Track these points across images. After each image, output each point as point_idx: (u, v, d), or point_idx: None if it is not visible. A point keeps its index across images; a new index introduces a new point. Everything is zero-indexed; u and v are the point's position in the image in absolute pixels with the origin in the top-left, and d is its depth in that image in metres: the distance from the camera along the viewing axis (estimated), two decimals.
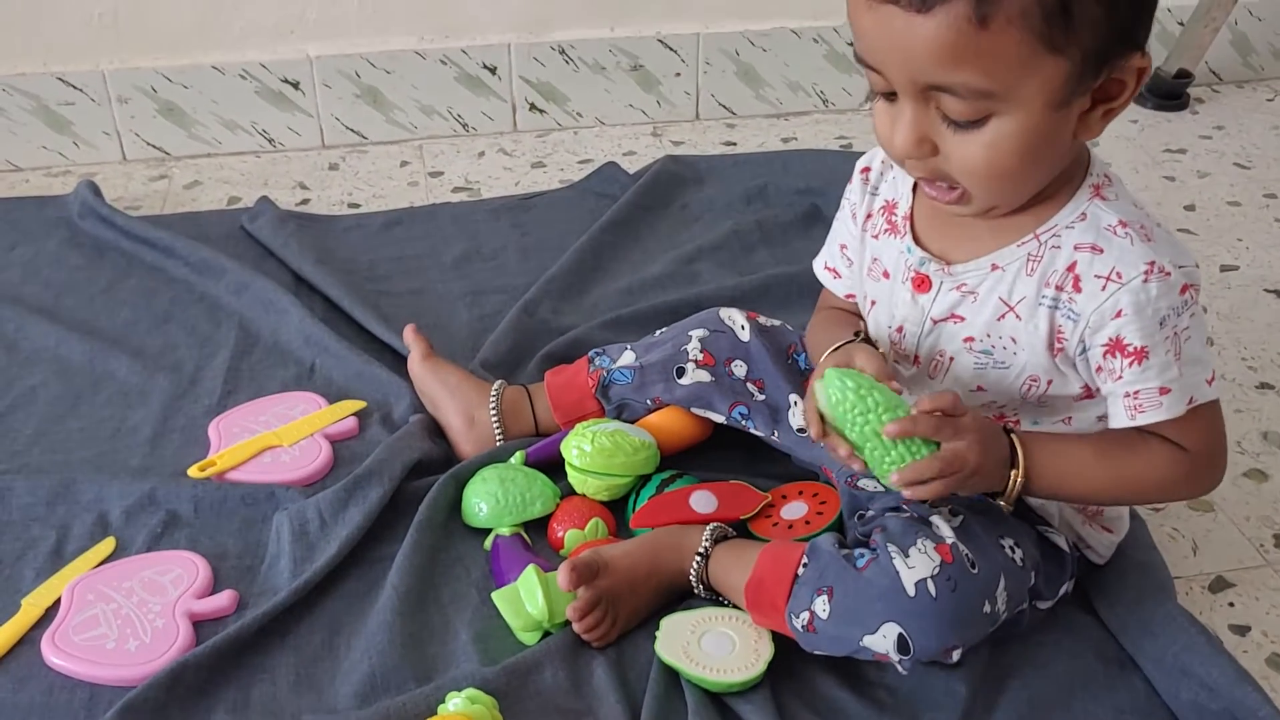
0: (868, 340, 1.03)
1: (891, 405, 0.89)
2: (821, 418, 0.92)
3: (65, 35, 1.73)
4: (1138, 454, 0.92)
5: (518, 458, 1.18)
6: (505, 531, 1.12)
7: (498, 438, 1.22)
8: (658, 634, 1.01)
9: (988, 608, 0.92)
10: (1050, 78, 0.79)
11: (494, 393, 1.23)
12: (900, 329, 1.00)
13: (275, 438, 1.24)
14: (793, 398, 1.17)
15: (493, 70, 1.85)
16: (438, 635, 1.04)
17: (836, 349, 1.00)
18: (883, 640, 0.91)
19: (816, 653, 0.97)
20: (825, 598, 0.93)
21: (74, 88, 1.75)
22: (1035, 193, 0.89)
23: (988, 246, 0.93)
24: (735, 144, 1.88)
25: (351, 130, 1.85)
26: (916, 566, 0.91)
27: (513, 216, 1.67)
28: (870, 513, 1.04)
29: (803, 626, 0.95)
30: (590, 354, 1.24)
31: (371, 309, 1.43)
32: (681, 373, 1.18)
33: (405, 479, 1.17)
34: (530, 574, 1.03)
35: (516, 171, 1.81)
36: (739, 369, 1.18)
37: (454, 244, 1.61)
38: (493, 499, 1.13)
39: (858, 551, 0.94)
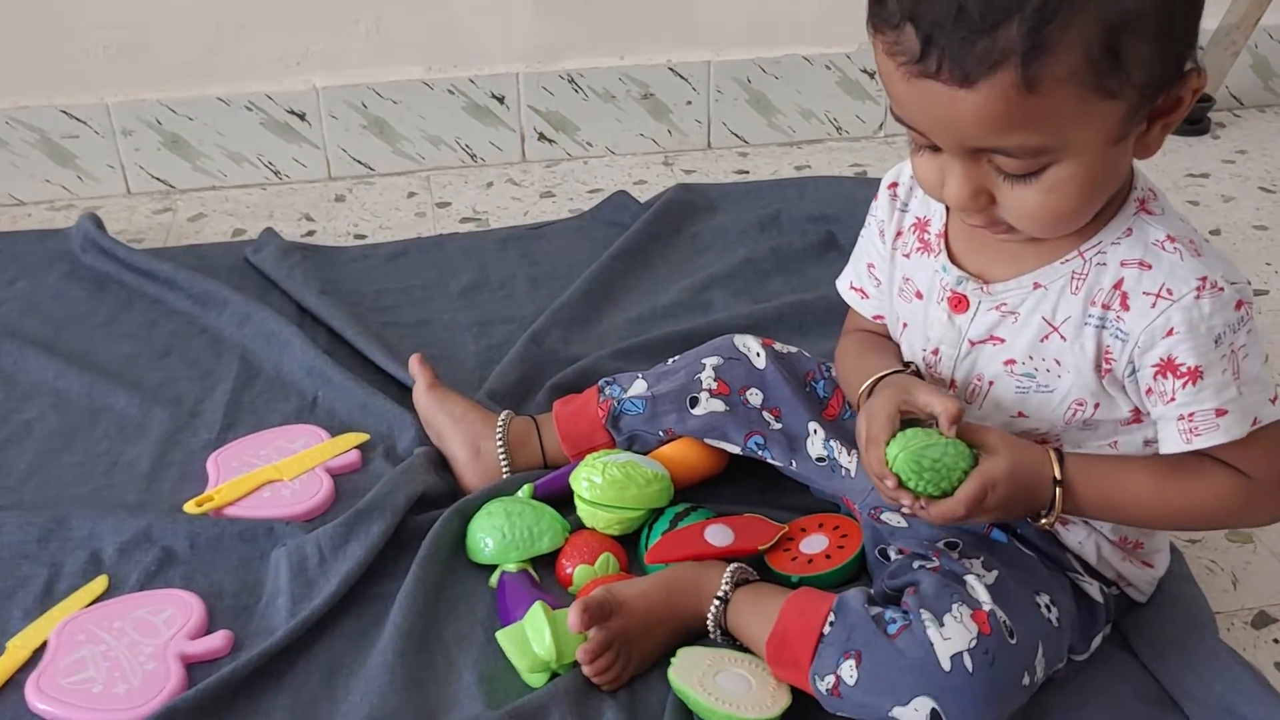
0: (916, 373, 0.98)
1: (954, 465, 0.87)
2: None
3: (68, 67, 1.72)
4: (1196, 479, 0.87)
5: (525, 491, 1.14)
6: (512, 568, 1.08)
7: (504, 470, 1.17)
8: (673, 661, 0.97)
9: (1026, 679, 0.88)
10: (1107, 118, 0.76)
11: (500, 423, 1.19)
12: (936, 351, 0.96)
13: (275, 471, 1.20)
14: (812, 426, 1.12)
15: (501, 100, 1.82)
16: (440, 676, 0.99)
17: (882, 378, 0.96)
18: (914, 713, 0.86)
19: (840, 715, 0.92)
20: (853, 663, 0.88)
21: (77, 120, 1.73)
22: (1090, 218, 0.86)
23: (1029, 264, 0.89)
24: (748, 172, 1.85)
25: (358, 161, 1.83)
26: (952, 638, 0.86)
27: (521, 246, 1.63)
28: (893, 554, 0.99)
29: (827, 690, 0.90)
30: (600, 383, 1.20)
31: (376, 340, 1.39)
32: (695, 402, 1.14)
33: (409, 513, 1.13)
34: (537, 612, 0.98)
35: (525, 201, 1.77)
36: (755, 397, 1.14)
37: (461, 274, 1.57)
38: (499, 534, 1.08)
39: (889, 614, 0.89)
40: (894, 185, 1.00)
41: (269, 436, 1.27)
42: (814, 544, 1.08)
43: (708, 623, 0.99)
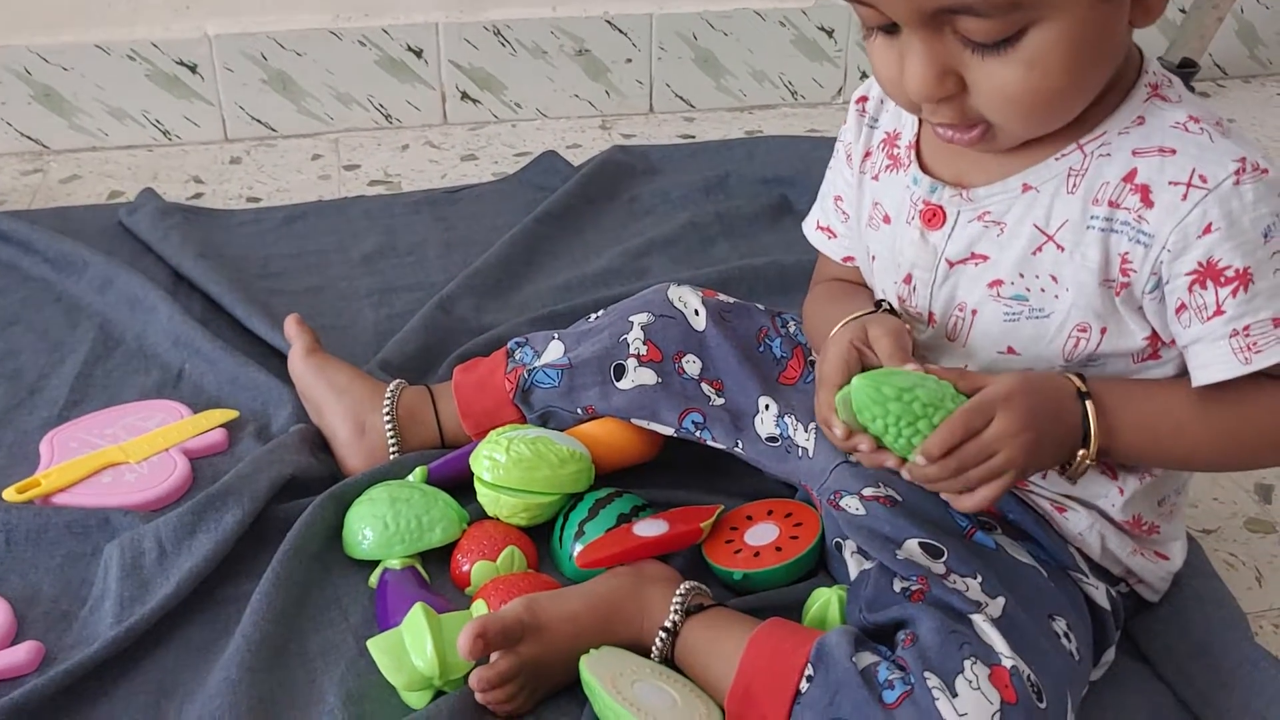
0: (892, 311, 0.81)
1: (937, 401, 0.70)
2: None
3: None
4: (1253, 402, 0.71)
5: (418, 475, 0.95)
6: (396, 564, 0.89)
7: (392, 450, 0.98)
8: (592, 650, 0.78)
9: None
10: None
11: (389, 394, 1.00)
12: (909, 279, 0.79)
13: (120, 453, 1.00)
14: (762, 400, 0.94)
15: (419, 53, 1.64)
16: (299, 697, 0.80)
17: (847, 323, 0.79)
18: None
19: None
20: None
21: None
22: (1084, 106, 0.70)
23: (1016, 165, 0.73)
24: (694, 138, 1.67)
25: (258, 121, 1.63)
26: (969, 713, 0.67)
27: (436, 210, 1.45)
28: (849, 557, 0.81)
29: None
30: (509, 345, 1.02)
31: (257, 306, 1.19)
32: (620, 372, 0.95)
33: (275, 501, 0.94)
34: (417, 615, 0.79)
35: (444, 164, 1.59)
36: (691, 365, 0.96)
37: (365, 239, 1.38)
38: (380, 523, 0.89)
39: (883, 674, 0.70)
40: (863, 100, 0.85)
41: (117, 413, 1.07)
42: (761, 534, 0.89)
43: (652, 656, 0.80)
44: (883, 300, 0.82)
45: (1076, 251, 0.72)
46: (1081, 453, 0.72)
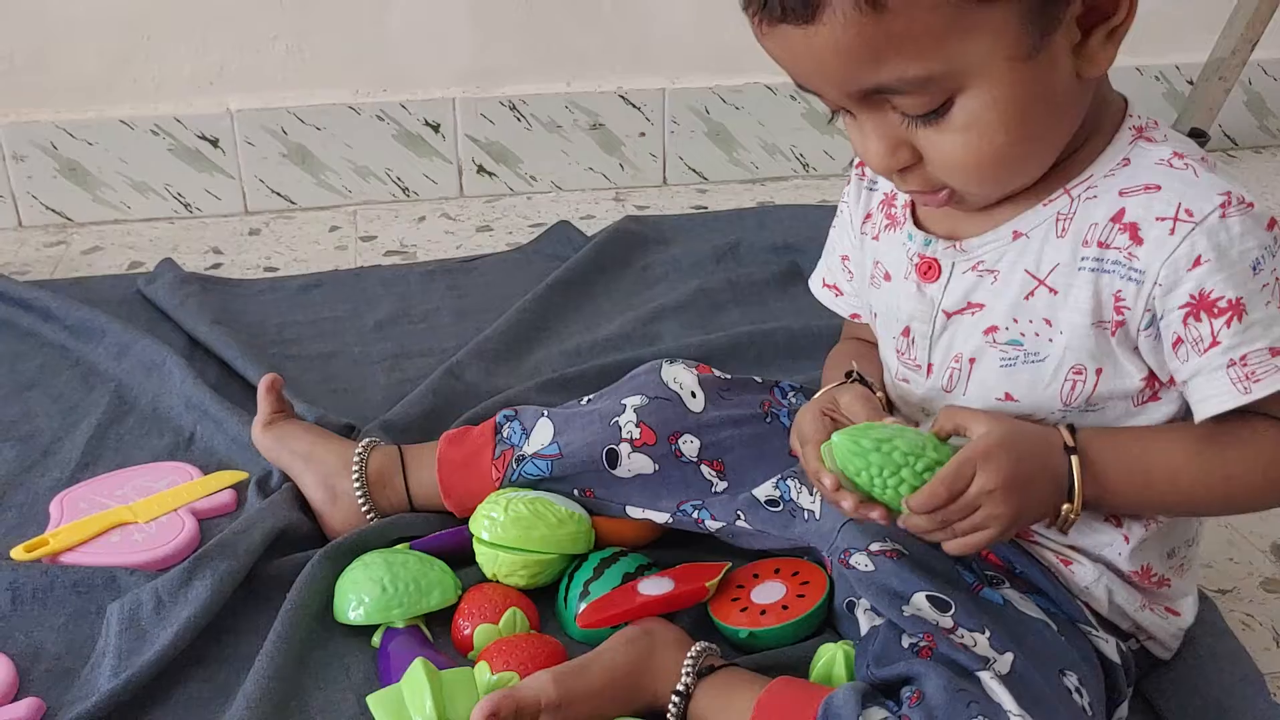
0: (861, 380, 0.83)
1: (917, 450, 0.71)
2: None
3: None
4: (1243, 440, 0.71)
5: (401, 550, 0.94)
6: (399, 624, 0.88)
7: (367, 514, 0.98)
8: None
9: None
10: (996, 27, 0.64)
11: (357, 458, 0.98)
12: (907, 331, 0.80)
13: (129, 513, 1.01)
14: (773, 479, 0.92)
15: (436, 128, 1.67)
16: None
17: (818, 395, 0.83)
18: None
19: None
20: None
21: None
22: (1056, 155, 0.72)
23: (1006, 214, 0.74)
24: (706, 209, 1.68)
25: (277, 193, 1.66)
26: None
27: (450, 279, 1.46)
28: (861, 615, 0.80)
29: None
30: (498, 419, 0.99)
31: (269, 370, 1.20)
32: (614, 459, 0.94)
33: (270, 557, 0.94)
34: (417, 670, 0.78)
35: (459, 235, 1.61)
36: (689, 446, 0.94)
37: (379, 307, 1.40)
38: (378, 586, 0.88)
39: None
40: (861, 164, 0.87)
41: (128, 475, 1.07)
42: (768, 592, 0.88)
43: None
44: (851, 371, 0.83)
45: (1069, 294, 0.72)
46: (1066, 506, 0.72)
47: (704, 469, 0.94)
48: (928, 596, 0.77)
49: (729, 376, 0.99)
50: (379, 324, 1.36)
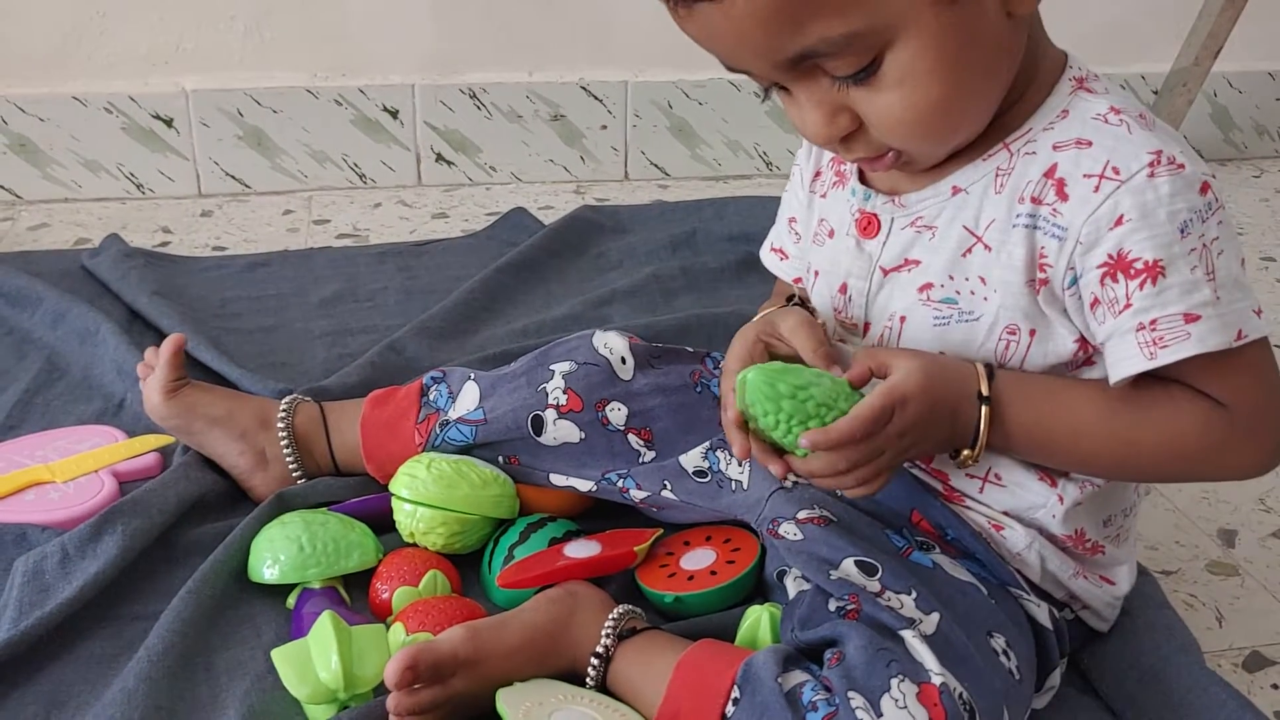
0: (803, 304, 0.81)
1: (831, 401, 0.69)
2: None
3: None
4: (1157, 405, 0.69)
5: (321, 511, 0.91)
6: (315, 585, 0.85)
7: (296, 477, 0.95)
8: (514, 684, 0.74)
9: None
10: None
11: (282, 418, 0.95)
12: (844, 288, 0.78)
13: (47, 472, 0.98)
14: (701, 448, 0.89)
15: (394, 114, 1.65)
16: (199, 711, 0.76)
17: (762, 318, 0.80)
18: None
19: None
20: None
21: None
22: (997, 103, 0.70)
23: (947, 168, 0.72)
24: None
25: (232, 176, 1.63)
26: None
27: (400, 261, 1.44)
28: (790, 583, 0.78)
29: None
30: (425, 380, 0.96)
31: (206, 340, 1.17)
32: (539, 425, 0.91)
33: (192, 524, 0.91)
34: (325, 625, 0.75)
35: (414, 221, 1.58)
36: (616, 414, 0.91)
37: (325, 285, 1.37)
38: (295, 545, 0.85)
39: (809, 692, 0.67)
40: None
41: (50, 436, 1.04)
42: (698, 559, 0.86)
43: (587, 683, 0.76)
44: (792, 296, 0.81)
45: (1003, 251, 0.70)
46: (966, 453, 0.71)
47: (631, 438, 0.91)
48: (856, 561, 0.75)
49: (660, 345, 0.97)
50: (324, 301, 1.33)
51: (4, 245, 1.47)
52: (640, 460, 0.91)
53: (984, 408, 0.70)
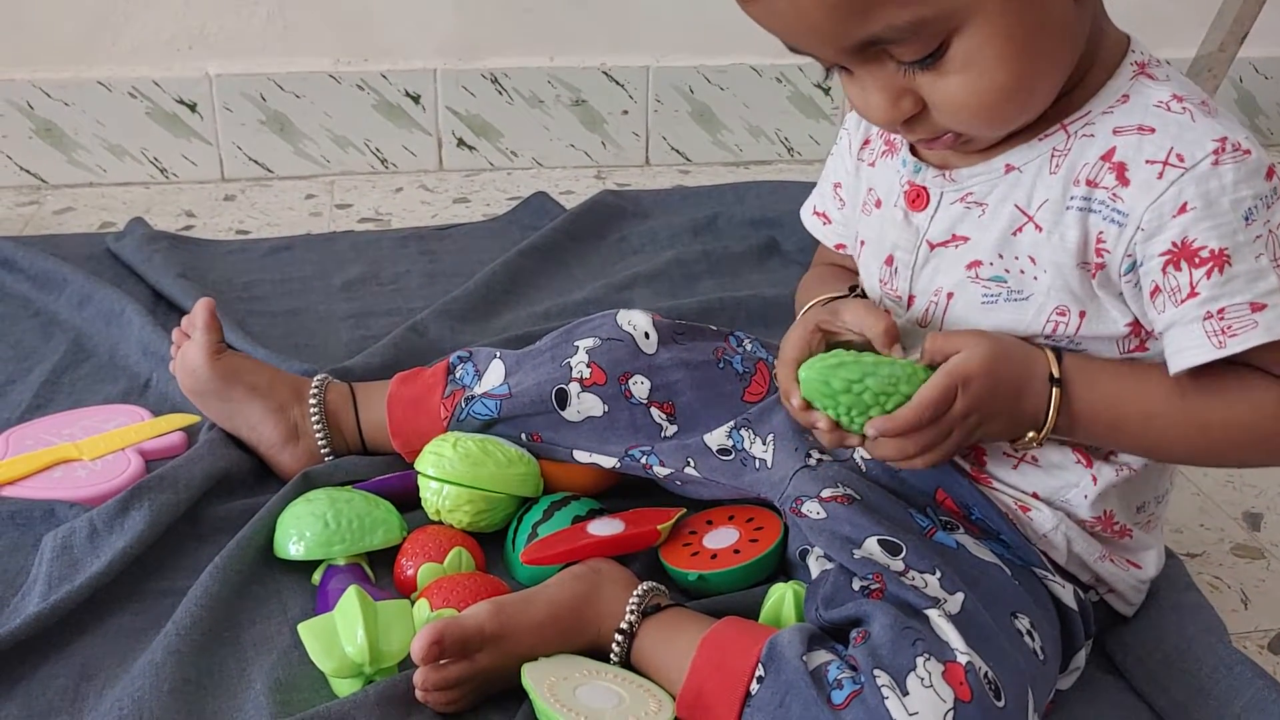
0: (863, 296, 0.81)
1: (889, 388, 0.69)
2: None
3: None
4: (1229, 388, 0.68)
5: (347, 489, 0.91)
6: (340, 562, 0.86)
7: (325, 454, 0.95)
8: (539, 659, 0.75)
9: None
10: None
11: (314, 394, 0.95)
12: (890, 260, 0.77)
13: (75, 450, 0.98)
14: (722, 428, 0.89)
15: (416, 99, 1.65)
16: (227, 684, 0.76)
17: (819, 304, 0.81)
18: None
19: None
20: None
21: None
22: (1059, 87, 0.69)
23: (1000, 146, 0.71)
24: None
25: (255, 161, 1.64)
26: (920, 712, 0.64)
27: (423, 245, 1.44)
28: (813, 562, 0.78)
29: None
30: (452, 359, 0.97)
31: (231, 321, 1.18)
32: (563, 399, 0.91)
33: (215, 500, 0.91)
34: (351, 600, 0.76)
35: (435, 206, 1.59)
36: (639, 387, 0.91)
37: (348, 269, 1.37)
38: (320, 521, 0.86)
39: (834, 671, 0.67)
40: None
41: (77, 415, 1.05)
42: (721, 538, 0.86)
43: (611, 659, 0.77)
44: (856, 285, 0.81)
45: (1055, 232, 0.70)
46: (1032, 435, 0.71)
47: (654, 411, 0.91)
48: (879, 540, 0.75)
49: (684, 322, 0.97)
50: (347, 284, 1.34)
51: (30, 229, 1.48)
52: (663, 435, 0.91)
53: (1055, 390, 0.69)
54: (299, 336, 1.22)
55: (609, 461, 0.91)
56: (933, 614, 0.69)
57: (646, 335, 0.93)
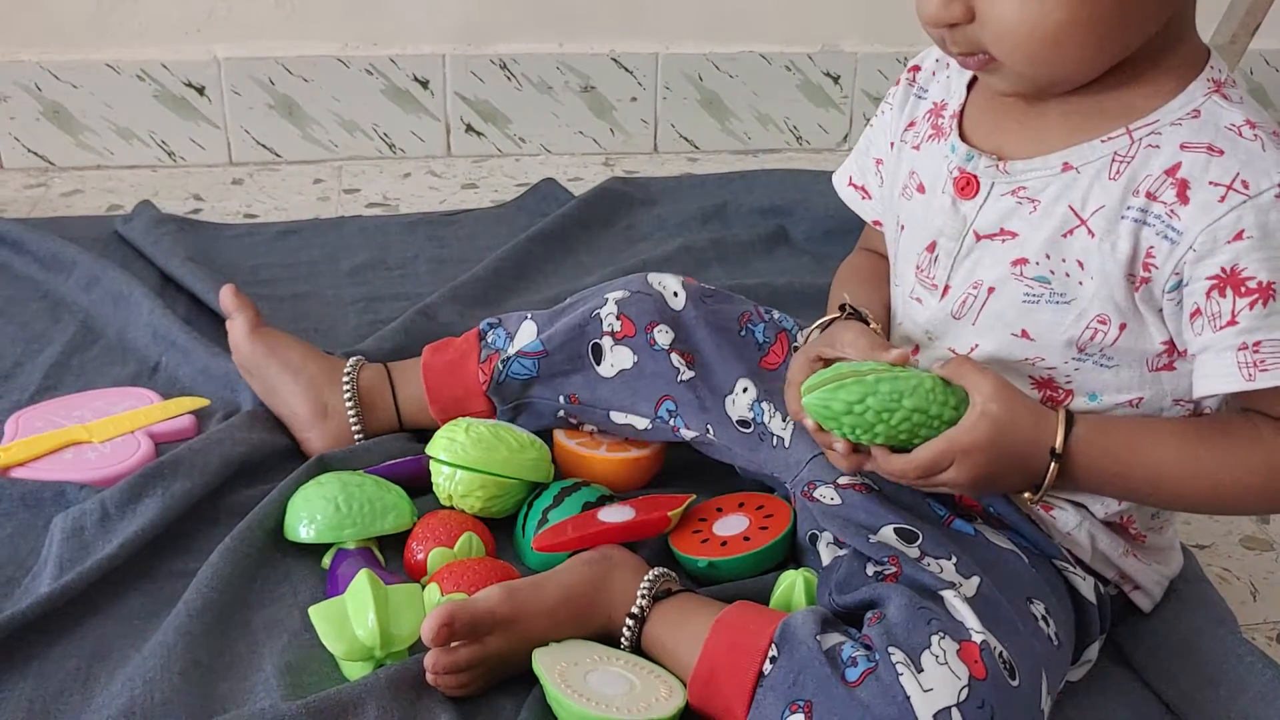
0: (855, 314, 0.80)
1: (892, 405, 0.70)
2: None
3: None
4: (1240, 445, 0.68)
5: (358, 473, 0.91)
6: (350, 546, 0.86)
7: (356, 434, 0.96)
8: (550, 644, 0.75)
9: None
10: None
11: (348, 373, 0.97)
12: (932, 246, 0.76)
13: (84, 432, 0.99)
14: (741, 383, 0.90)
15: (425, 84, 1.65)
16: (237, 666, 0.77)
17: (814, 331, 0.81)
18: None
19: None
20: (802, 717, 0.66)
21: None
22: (1107, 64, 0.67)
23: (1059, 141, 0.70)
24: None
25: (262, 145, 1.64)
26: (935, 689, 0.64)
27: (431, 230, 1.44)
28: (824, 548, 0.78)
29: None
30: (481, 326, 0.98)
31: None
32: (598, 353, 0.92)
33: (232, 485, 0.91)
34: (362, 583, 0.76)
35: (444, 191, 1.58)
36: (663, 336, 0.92)
37: (357, 254, 1.37)
38: (331, 505, 0.86)
39: (847, 650, 0.67)
40: (915, 69, 0.83)
41: (87, 398, 1.05)
42: (731, 525, 0.86)
43: (621, 644, 0.77)
44: (845, 304, 0.81)
45: (1107, 240, 0.69)
46: (1027, 495, 0.72)
47: (673, 356, 0.92)
48: (895, 529, 0.75)
49: (714, 288, 0.97)
50: (355, 269, 1.34)
51: (37, 211, 1.48)
52: (679, 379, 0.91)
53: (1053, 464, 0.69)
54: (307, 321, 1.22)
55: (642, 423, 0.92)
56: (948, 595, 0.69)
57: (675, 294, 0.94)
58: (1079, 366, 0.72)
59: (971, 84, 0.77)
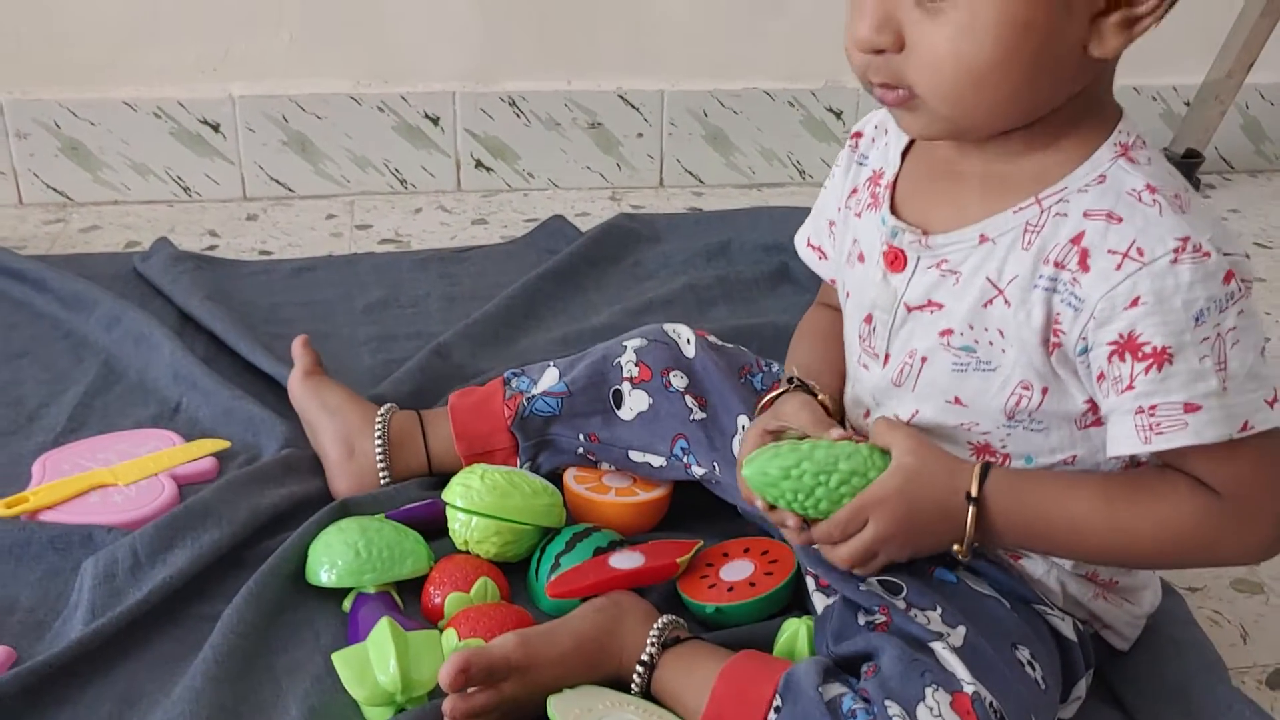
0: (802, 385, 0.84)
1: (828, 467, 0.74)
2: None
3: None
4: (1156, 498, 0.71)
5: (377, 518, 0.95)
6: (370, 590, 0.89)
7: (382, 476, 0.99)
8: (563, 691, 0.78)
9: None
10: None
11: (380, 417, 1.01)
12: (869, 319, 0.80)
13: (110, 475, 1.02)
14: (741, 420, 0.95)
15: (435, 121, 1.68)
16: (263, 710, 0.80)
17: (762, 408, 0.86)
18: None
19: None
20: None
21: None
22: (1018, 120, 0.69)
23: (977, 212, 0.73)
24: (702, 211, 1.70)
25: (276, 181, 1.67)
26: None
27: (442, 267, 1.47)
28: (813, 590, 0.82)
29: None
30: (505, 375, 1.03)
31: (260, 345, 1.21)
32: (619, 399, 0.98)
33: (261, 533, 0.94)
34: (382, 629, 0.79)
35: (454, 227, 1.62)
36: (678, 380, 0.98)
37: (370, 291, 1.40)
38: (352, 550, 0.89)
39: (847, 704, 0.70)
40: (857, 135, 0.86)
41: (111, 440, 1.08)
42: (737, 570, 0.89)
43: (632, 690, 0.80)
44: (792, 376, 0.84)
45: (1022, 309, 0.71)
46: (956, 548, 0.74)
47: (687, 399, 0.97)
48: (880, 581, 0.78)
49: (721, 341, 1.03)
50: (369, 307, 1.37)
51: (56, 246, 1.52)
52: (691, 416, 0.96)
53: (971, 508, 0.72)
54: (326, 361, 1.22)
55: (658, 460, 0.97)
56: (937, 646, 0.72)
57: (688, 342, 1.00)
58: (1010, 432, 0.75)
59: (906, 151, 0.80)
